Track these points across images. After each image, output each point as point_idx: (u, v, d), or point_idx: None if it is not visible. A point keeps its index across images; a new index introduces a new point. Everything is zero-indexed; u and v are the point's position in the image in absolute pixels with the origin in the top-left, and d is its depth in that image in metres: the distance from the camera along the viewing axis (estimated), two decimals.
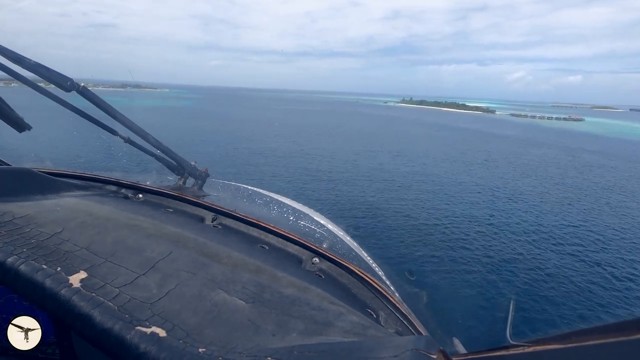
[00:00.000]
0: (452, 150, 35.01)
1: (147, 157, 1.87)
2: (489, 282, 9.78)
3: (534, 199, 19.14)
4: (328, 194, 17.25)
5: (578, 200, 19.75)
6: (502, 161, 30.52)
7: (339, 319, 0.81)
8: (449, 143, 41.24)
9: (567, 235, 15.00)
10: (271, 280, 0.92)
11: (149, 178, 2.09)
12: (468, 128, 65.45)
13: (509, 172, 26.12)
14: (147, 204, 1.53)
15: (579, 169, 28.86)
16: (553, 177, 25.32)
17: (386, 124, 64.53)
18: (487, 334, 6.21)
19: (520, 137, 52.41)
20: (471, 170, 26.02)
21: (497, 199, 18.95)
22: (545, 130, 70.77)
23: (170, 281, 0.79)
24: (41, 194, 1.18)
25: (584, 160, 33.33)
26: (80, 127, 13.74)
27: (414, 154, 31.26)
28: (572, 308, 9.23)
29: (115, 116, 1.60)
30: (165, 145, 1.84)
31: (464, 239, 13.00)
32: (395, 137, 43.13)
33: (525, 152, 36.96)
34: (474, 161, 29.77)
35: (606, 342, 0.42)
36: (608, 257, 13.60)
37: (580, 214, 17.38)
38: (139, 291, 0.73)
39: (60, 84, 1.37)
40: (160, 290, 0.75)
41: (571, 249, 13.69)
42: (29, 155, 4.71)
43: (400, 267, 9.28)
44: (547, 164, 30.62)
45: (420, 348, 0.60)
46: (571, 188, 22.25)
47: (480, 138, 49.30)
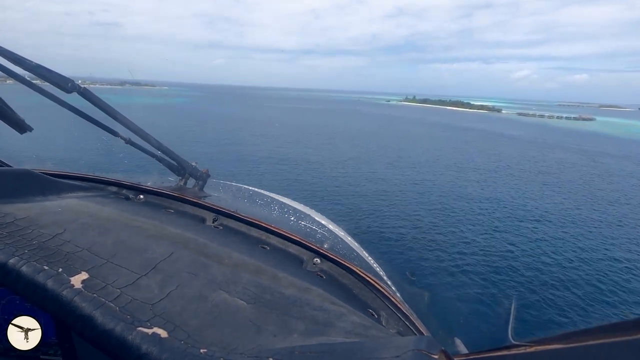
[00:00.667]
0: (456, 152, 34.16)
1: (148, 158, 1.87)
2: (491, 282, 9.77)
3: (552, 207, 18.33)
4: (329, 195, 17.23)
5: (592, 209, 18.44)
6: (514, 165, 28.83)
7: (340, 319, 0.81)
8: (453, 144, 39.71)
9: (569, 235, 14.98)
10: (272, 281, 0.92)
11: (150, 179, 2.09)
12: (474, 128, 62.75)
13: (522, 176, 24.88)
14: (148, 204, 1.53)
15: (604, 176, 26.70)
16: (571, 183, 23.72)
17: (388, 124, 62.77)
18: (489, 334, 6.20)
19: (531, 138, 50.25)
20: (479, 175, 24.96)
21: (509, 208, 18.72)
22: (557, 131, 68.37)
23: (171, 282, 0.79)
24: (42, 195, 1.18)
25: (608, 167, 30.71)
26: (81, 129, 13.78)
27: (416, 155, 30.60)
28: (574, 308, 9.21)
29: (116, 117, 1.60)
30: (165, 146, 1.85)
31: (465, 239, 12.98)
32: (396, 137, 42.17)
33: (540, 155, 35.12)
34: (481, 165, 28.31)
35: (608, 342, 0.42)
36: (611, 257, 13.57)
37: (596, 222, 16.95)
38: (140, 292, 0.73)
39: (61, 85, 1.37)
40: (161, 291, 0.75)
41: (573, 250, 13.66)
42: (30, 156, 4.73)
43: (402, 267, 9.26)
44: (566, 168, 28.82)
45: (422, 348, 0.60)
46: (588, 197, 20.65)
47: (486, 139, 47.09)
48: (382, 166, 25.45)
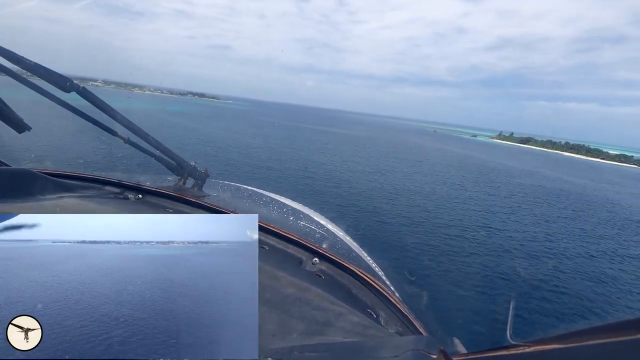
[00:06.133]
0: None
1: (147, 157, 1.87)
2: (490, 282, 9.78)
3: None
4: (327, 195, 17.12)
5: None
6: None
7: (340, 319, 0.81)
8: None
9: (568, 236, 15.00)
10: (271, 281, 0.92)
11: (148, 179, 2.09)
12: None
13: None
14: (147, 204, 1.53)
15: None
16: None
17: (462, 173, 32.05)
18: (488, 334, 6.20)
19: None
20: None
21: (500, 206, 18.61)
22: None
23: None
24: (41, 194, 1.18)
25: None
26: (80, 128, 13.71)
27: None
28: (572, 308, 9.23)
29: (116, 117, 1.59)
30: (165, 145, 1.84)
31: (464, 240, 13.00)
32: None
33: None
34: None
35: (606, 341, 0.42)
36: (609, 257, 13.61)
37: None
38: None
39: (60, 84, 1.37)
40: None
41: (572, 250, 13.70)
42: (29, 156, 4.69)
43: (401, 267, 9.27)
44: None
45: (421, 348, 0.61)
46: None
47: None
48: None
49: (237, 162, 21.73)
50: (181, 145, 22.45)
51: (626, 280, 11.62)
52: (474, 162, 43.71)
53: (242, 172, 19.29)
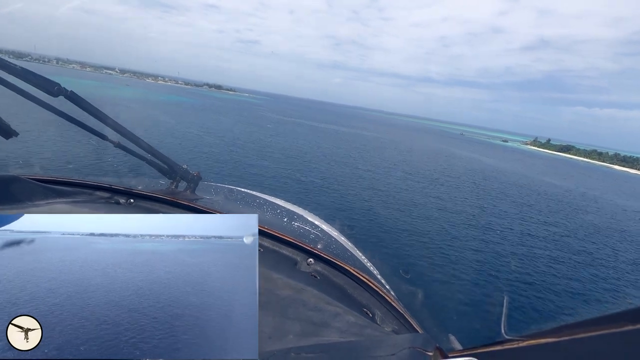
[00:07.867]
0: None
1: (138, 161, 1.85)
2: (483, 279, 9.89)
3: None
4: (324, 196, 17.11)
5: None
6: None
7: (336, 319, 0.81)
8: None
9: (560, 231, 15.22)
10: (267, 283, 0.92)
11: (140, 183, 2.06)
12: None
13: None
14: (139, 209, 1.51)
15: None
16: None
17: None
18: (482, 329, 6.26)
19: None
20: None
21: (501, 209, 18.70)
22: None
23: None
24: (30, 201, 1.16)
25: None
26: (69, 132, 13.47)
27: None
28: (564, 302, 9.38)
29: (105, 121, 1.57)
30: (156, 148, 1.82)
31: (457, 237, 13.12)
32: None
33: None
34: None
35: (598, 334, 0.43)
36: (601, 252, 13.85)
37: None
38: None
39: (47, 89, 1.34)
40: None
41: (564, 245, 13.90)
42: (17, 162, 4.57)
43: (395, 266, 9.31)
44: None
45: (417, 345, 0.61)
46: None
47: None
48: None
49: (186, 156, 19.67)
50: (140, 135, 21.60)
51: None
52: (510, 180, 30.78)
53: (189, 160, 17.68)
